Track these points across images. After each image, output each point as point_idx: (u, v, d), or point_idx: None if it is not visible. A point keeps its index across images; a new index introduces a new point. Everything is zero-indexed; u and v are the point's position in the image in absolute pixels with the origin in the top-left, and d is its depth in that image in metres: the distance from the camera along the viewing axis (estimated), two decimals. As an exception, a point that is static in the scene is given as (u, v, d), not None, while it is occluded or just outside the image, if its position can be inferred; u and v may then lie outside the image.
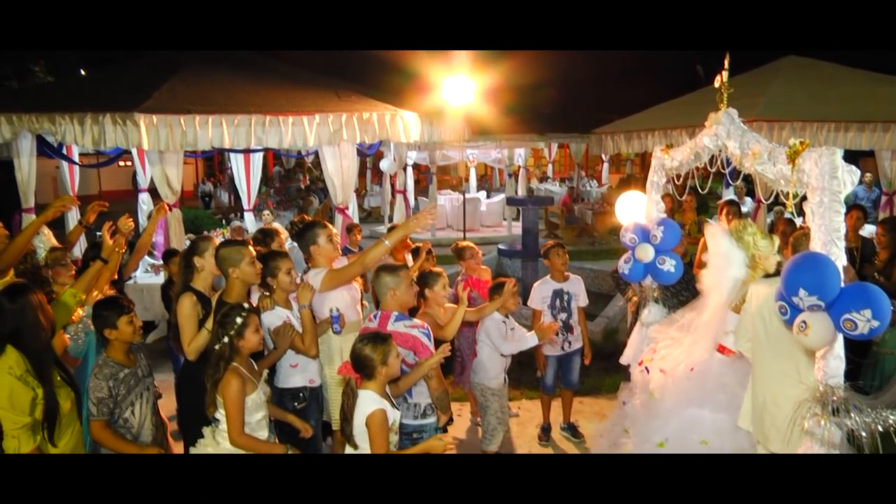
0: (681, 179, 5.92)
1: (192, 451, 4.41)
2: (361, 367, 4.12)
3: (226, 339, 4.20)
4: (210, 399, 4.22)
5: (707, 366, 5.05)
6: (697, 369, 5.07)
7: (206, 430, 4.35)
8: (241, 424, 4.15)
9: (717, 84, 5.15)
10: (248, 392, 4.22)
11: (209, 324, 4.67)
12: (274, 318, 5.03)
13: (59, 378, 4.11)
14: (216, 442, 4.25)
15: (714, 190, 16.59)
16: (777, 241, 5.13)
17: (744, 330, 4.57)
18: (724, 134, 4.96)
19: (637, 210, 6.42)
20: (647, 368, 5.51)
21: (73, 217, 10.84)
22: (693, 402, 4.91)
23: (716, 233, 5.31)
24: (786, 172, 4.04)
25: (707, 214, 12.59)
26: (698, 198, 11.20)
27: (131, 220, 5.91)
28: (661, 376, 5.30)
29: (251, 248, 5.07)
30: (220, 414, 4.21)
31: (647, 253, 5.92)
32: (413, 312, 5.21)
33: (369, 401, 4.05)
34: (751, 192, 14.70)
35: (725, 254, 5.14)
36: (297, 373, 5.21)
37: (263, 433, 4.35)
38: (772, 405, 4.22)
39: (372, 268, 5.37)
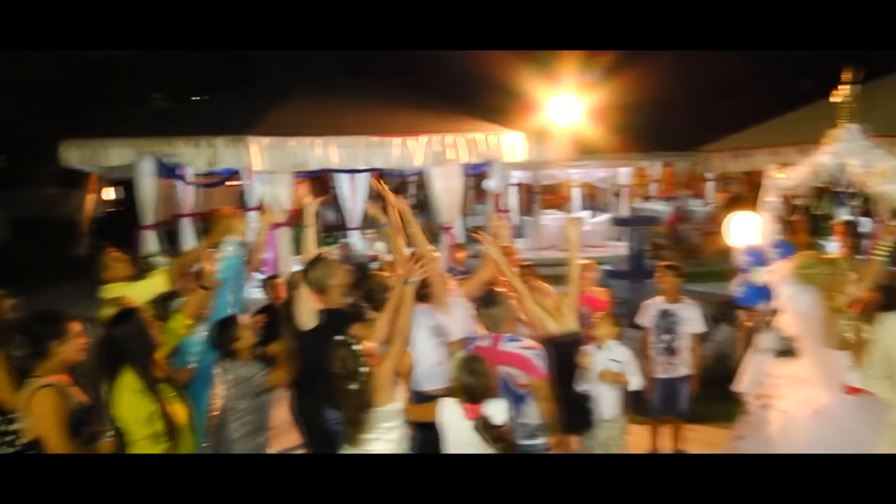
0: (791, 199, 5.73)
1: None
2: (478, 394, 4.13)
3: (363, 370, 4.16)
4: (363, 424, 4.16)
5: (832, 410, 4.78)
6: (822, 413, 4.80)
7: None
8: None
9: (837, 98, 4.95)
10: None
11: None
12: None
13: (171, 395, 4.25)
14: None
15: (823, 209, 15.89)
16: (843, 261, 4.91)
17: (875, 367, 4.28)
18: (845, 151, 4.76)
19: (748, 231, 6.21)
20: (767, 405, 5.28)
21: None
22: (816, 449, 4.64)
23: (779, 283, 5.13)
24: (917, 193, 3.84)
25: (819, 235, 12.07)
26: (809, 218, 10.76)
27: (240, 211, 6.16)
28: (782, 417, 5.05)
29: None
30: (379, 425, 4.19)
31: (762, 277, 5.72)
32: None
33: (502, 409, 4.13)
34: (866, 212, 14.03)
35: (793, 298, 4.93)
36: (441, 373, 5.01)
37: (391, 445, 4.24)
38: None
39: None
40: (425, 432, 4.53)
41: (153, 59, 20.85)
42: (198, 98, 20.50)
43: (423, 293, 5.23)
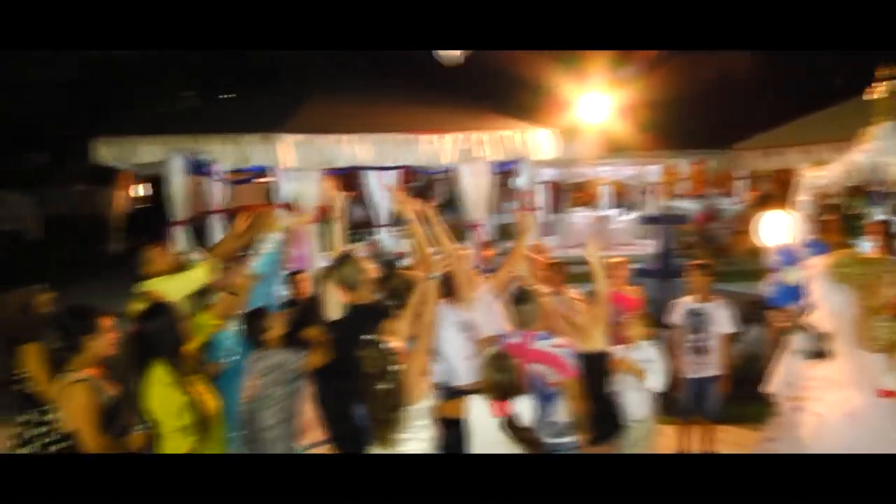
0: (824, 198, 5.65)
1: None
2: (505, 391, 4.10)
3: (393, 369, 4.11)
4: (396, 423, 4.10)
5: (865, 413, 4.69)
6: (855, 416, 4.73)
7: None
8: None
9: (872, 96, 4.88)
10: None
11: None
12: None
13: (202, 387, 4.35)
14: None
15: (854, 208, 15.65)
16: (879, 262, 4.82)
17: None
18: (880, 149, 4.69)
19: (779, 230, 6.14)
20: (799, 407, 5.20)
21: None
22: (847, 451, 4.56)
23: (813, 281, 5.06)
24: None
25: (852, 235, 11.88)
26: (842, 218, 10.60)
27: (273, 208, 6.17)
28: (814, 420, 4.97)
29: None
30: (412, 424, 4.13)
31: (794, 276, 5.65)
32: None
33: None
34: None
35: (826, 298, 4.85)
36: (470, 369, 4.88)
37: (421, 444, 4.18)
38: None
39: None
40: (451, 429, 4.48)
41: (176, 58, 21.05)
42: (227, 96, 20.67)
43: (449, 289, 5.23)
